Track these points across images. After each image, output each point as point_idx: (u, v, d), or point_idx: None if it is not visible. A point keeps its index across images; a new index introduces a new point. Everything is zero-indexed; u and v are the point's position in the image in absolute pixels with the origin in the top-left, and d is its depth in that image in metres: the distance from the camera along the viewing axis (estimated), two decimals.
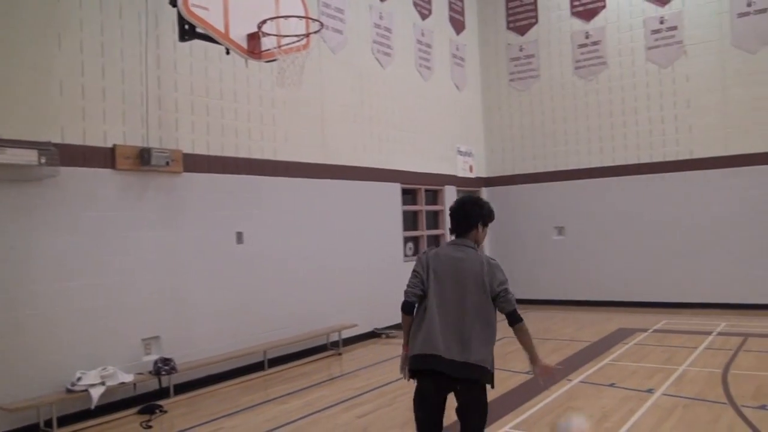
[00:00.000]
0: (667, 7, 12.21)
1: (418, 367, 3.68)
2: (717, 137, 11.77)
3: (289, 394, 7.22)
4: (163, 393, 7.02)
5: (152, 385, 7.00)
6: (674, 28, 12.15)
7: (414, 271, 3.86)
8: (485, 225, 3.86)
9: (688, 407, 5.94)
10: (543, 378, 3.82)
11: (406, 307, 3.77)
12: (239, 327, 8.16)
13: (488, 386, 3.75)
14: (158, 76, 7.37)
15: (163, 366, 6.94)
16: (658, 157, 12.33)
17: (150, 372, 6.90)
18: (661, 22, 12.27)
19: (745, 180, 11.46)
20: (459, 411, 3.79)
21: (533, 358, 3.74)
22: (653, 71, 12.39)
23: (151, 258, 7.17)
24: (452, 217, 3.88)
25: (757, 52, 11.41)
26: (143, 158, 6.99)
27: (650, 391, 6.54)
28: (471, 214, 3.81)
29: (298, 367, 8.59)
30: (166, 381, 7.04)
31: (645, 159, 12.45)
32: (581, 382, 6.93)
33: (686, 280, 11.97)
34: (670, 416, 5.69)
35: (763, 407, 5.81)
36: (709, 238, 11.76)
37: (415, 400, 3.81)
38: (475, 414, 3.77)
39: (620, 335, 9.69)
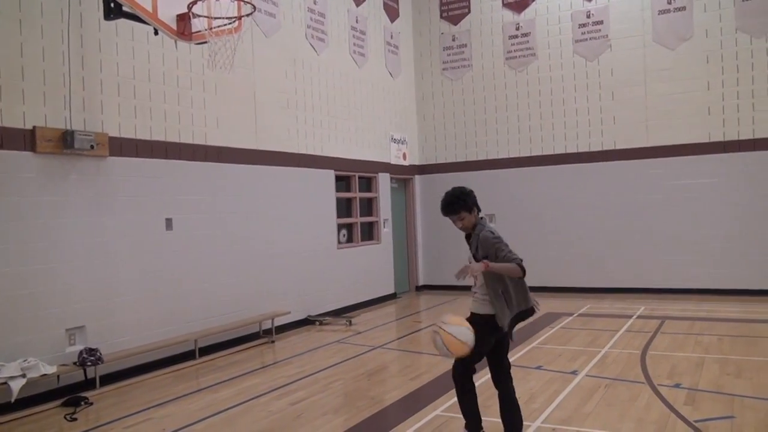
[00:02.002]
0: (593, 1, 12.60)
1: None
2: (639, 129, 12.28)
3: (221, 382, 7.13)
4: (89, 384, 6.80)
5: (77, 376, 6.77)
6: (600, 22, 12.56)
7: (504, 243, 4.40)
8: (470, 210, 4.45)
9: (610, 387, 6.22)
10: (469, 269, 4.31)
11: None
12: (169, 315, 7.98)
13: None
14: (82, 56, 7.07)
15: (89, 356, 6.72)
16: (584, 147, 12.77)
17: (75, 363, 6.67)
18: (588, 17, 12.66)
19: (664, 170, 12.02)
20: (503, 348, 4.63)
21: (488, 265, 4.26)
22: (580, 64, 12.78)
23: (75, 245, 6.90)
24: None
25: (676, 48, 11.95)
26: (66, 141, 6.70)
27: (574, 372, 6.81)
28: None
29: (230, 356, 8.49)
30: (91, 372, 6.83)
31: (572, 149, 12.87)
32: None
33: (609, 266, 12.49)
34: (592, 396, 5.94)
35: (677, 386, 6.14)
36: (630, 226, 12.29)
37: (489, 338, 4.41)
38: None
39: (548, 319, 10.02)
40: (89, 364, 6.70)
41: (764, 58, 11.32)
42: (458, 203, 4.41)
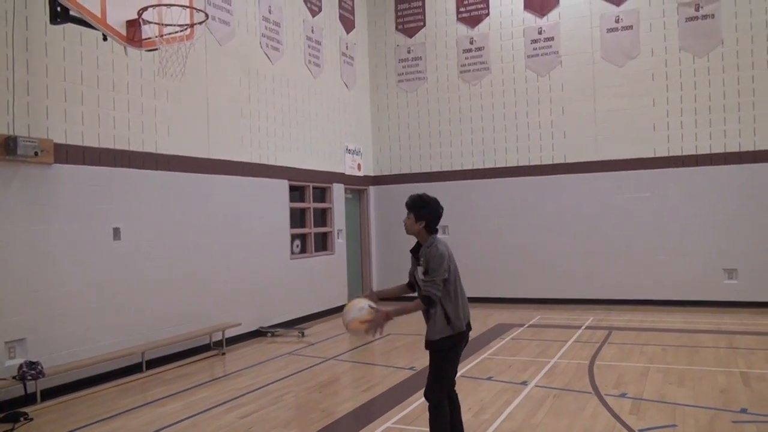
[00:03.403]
0: (545, 18, 12.90)
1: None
2: (588, 143, 12.59)
3: (168, 396, 6.97)
4: (29, 399, 6.55)
5: (16, 391, 6.52)
6: (551, 39, 12.85)
7: (443, 269, 4.29)
8: (417, 219, 4.47)
9: (558, 397, 6.32)
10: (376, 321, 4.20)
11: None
12: (115, 327, 7.77)
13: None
14: (27, 60, 6.86)
15: (29, 370, 6.48)
16: (535, 160, 13.00)
17: (14, 377, 6.43)
18: (540, 33, 12.94)
19: (612, 184, 12.34)
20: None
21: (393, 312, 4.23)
22: (532, 78, 13.04)
23: (15, 254, 6.67)
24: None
25: (623, 66, 12.31)
26: (8, 147, 6.48)
27: (524, 383, 6.89)
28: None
29: (178, 368, 8.31)
30: (32, 386, 6.58)
31: (524, 162, 13.10)
32: (461, 376, 7.17)
33: (559, 277, 12.72)
34: (541, 406, 6.03)
35: (623, 395, 6.29)
36: (579, 238, 12.56)
37: (450, 362, 4.41)
38: None
39: (499, 330, 10.13)
40: (29, 378, 6.46)
41: (706, 77, 11.76)
42: (413, 205, 4.50)
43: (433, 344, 4.35)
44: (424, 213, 4.46)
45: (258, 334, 10.32)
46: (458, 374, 4.48)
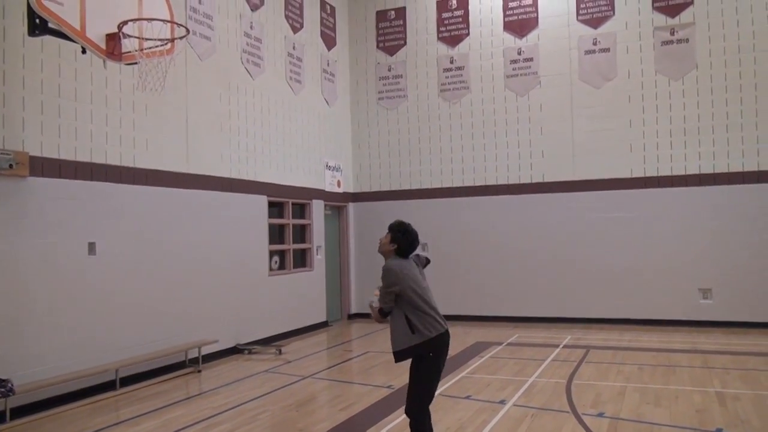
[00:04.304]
0: (524, 39, 13.06)
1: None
2: (566, 163, 12.72)
3: (142, 414, 6.84)
4: None
5: None
6: (530, 59, 13.02)
7: (393, 288, 4.61)
8: (392, 240, 4.80)
9: (536, 417, 6.31)
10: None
11: None
12: (88, 343, 7.62)
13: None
14: (3, 71, 6.78)
15: None
16: (514, 179, 13.10)
17: None
18: (519, 53, 13.10)
19: (589, 203, 12.46)
20: None
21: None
22: (511, 98, 13.18)
23: None
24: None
25: (600, 87, 12.50)
26: None
27: (502, 402, 6.88)
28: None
29: (153, 386, 8.16)
30: (1, 404, 6.42)
31: (503, 180, 13.18)
32: (440, 395, 7.15)
33: (537, 296, 12.77)
34: (519, 426, 6.01)
35: (600, 414, 6.30)
36: (557, 257, 12.64)
37: (429, 372, 4.56)
38: None
39: (477, 348, 10.12)
40: None
41: (681, 99, 11.98)
42: (396, 228, 4.85)
43: (399, 354, 4.52)
44: (400, 238, 4.78)
45: (235, 351, 10.20)
46: (436, 393, 4.46)
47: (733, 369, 8.38)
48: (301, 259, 12.67)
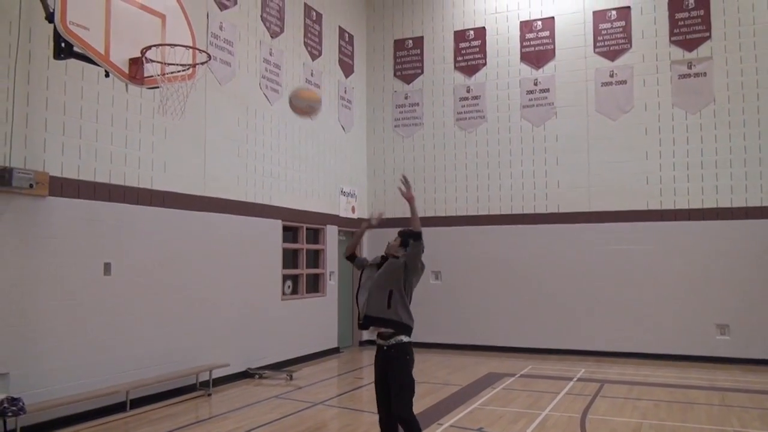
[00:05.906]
0: (541, 70, 13.13)
1: None
2: (581, 194, 12.67)
3: None
4: None
5: None
6: (546, 90, 13.06)
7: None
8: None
9: None
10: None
11: None
12: (100, 364, 7.62)
13: None
14: (27, 93, 6.90)
15: (10, 406, 6.30)
16: (529, 209, 13.06)
17: None
18: (535, 84, 13.15)
19: (604, 235, 12.38)
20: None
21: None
22: (527, 128, 13.20)
23: (3, 286, 6.57)
24: None
25: (617, 119, 12.50)
26: (3, 178, 6.45)
27: None
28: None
29: (163, 408, 8.13)
30: (12, 423, 6.40)
31: (517, 210, 13.15)
32: (451, 426, 7.06)
33: (551, 327, 12.63)
34: None
35: None
36: (572, 289, 12.53)
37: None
38: None
39: (489, 379, 10.00)
40: (10, 414, 6.28)
41: (698, 132, 11.94)
42: (406, 236, 5.64)
43: (407, 329, 5.13)
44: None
45: (245, 375, 10.15)
46: (448, 424, 4.43)
47: (751, 408, 8.20)
48: (314, 284, 12.65)
